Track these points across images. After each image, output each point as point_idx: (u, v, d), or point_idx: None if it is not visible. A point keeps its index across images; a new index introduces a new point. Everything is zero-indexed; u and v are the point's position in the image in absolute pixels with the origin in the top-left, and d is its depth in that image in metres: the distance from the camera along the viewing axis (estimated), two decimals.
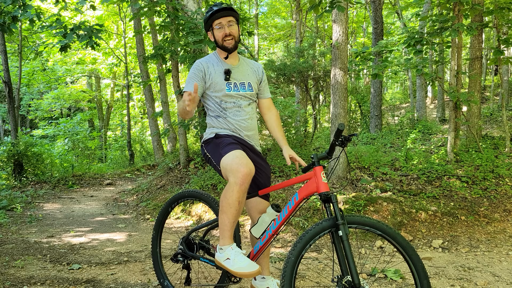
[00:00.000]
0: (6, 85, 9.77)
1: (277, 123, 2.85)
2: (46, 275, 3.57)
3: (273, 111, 2.88)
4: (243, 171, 2.34)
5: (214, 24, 2.64)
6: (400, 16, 16.32)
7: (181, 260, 2.91)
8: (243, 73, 2.74)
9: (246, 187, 2.39)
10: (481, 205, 5.36)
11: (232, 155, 2.44)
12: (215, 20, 2.62)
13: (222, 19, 2.62)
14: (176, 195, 3.07)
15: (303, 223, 4.96)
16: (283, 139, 2.78)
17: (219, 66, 2.68)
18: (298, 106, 9.83)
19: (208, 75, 2.65)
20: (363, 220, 2.27)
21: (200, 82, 2.66)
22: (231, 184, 2.37)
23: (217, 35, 2.65)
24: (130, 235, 5.17)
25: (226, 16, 2.62)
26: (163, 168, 8.49)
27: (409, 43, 6.82)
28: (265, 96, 2.88)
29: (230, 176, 2.38)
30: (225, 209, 2.40)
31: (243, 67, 2.76)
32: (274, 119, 2.86)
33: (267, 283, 2.75)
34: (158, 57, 6.85)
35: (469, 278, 3.53)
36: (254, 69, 2.82)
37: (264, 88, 2.87)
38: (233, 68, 2.70)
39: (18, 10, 6.42)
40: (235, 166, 2.37)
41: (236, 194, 2.36)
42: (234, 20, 2.65)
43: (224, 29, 2.62)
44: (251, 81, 2.75)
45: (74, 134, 16.54)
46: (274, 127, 2.84)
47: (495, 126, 11.93)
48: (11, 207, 6.57)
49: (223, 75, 2.65)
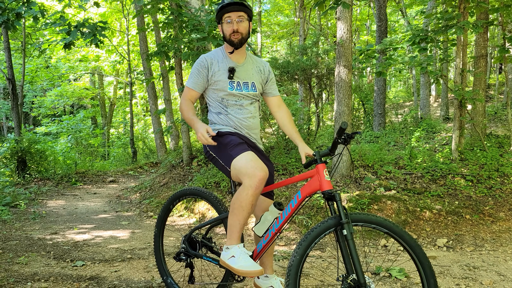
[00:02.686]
0: (9, 82, 9.78)
1: (289, 120, 2.80)
2: (50, 272, 3.57)
3: (284, 109, 2.83)
4: (259, 175, 2.33)
5: (224, 17, 2.59)
6: (404, 14, 16.25)
7: (184, 258, 2.90)
8: (247, 72, 2.70)
9: (261, 190, 2.38)
10: (486, 204, 5.33)
11: (245, 157, 2.42)
12: (225, 13, 2.57)
13: (232, 14, 2.56)
14: (178, 192, 3.05)
15: (306, 221, 4.95)
16: (297, 136, 2.72)
17: (224, 63, 2.64)
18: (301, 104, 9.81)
19: (212, 72, 2.62)
20: (369, 218, 2.25)
21: (203, 80, 2.63)
22: (246, 187, 2.35)
23: (225, 29, 2.60)
24: (133, 233, 5.17)
25: (237, 11, 2.56)
26: (166, 165, 8.49)
27: (413, 41, 6.78)
28: (274, 94, 2.84)
29: (245, 179, 2.36)
30: (237, 211, 2.39)
31: (248, 66, 2.72)
32: (285, 116, 2.81)
33: (270, 282, 2.73)
34: (162, 54, 6.83)
35: (474, 277, 3.51)
36: (260, 68, 2.78)
37: (271, 86, 2.83)
38: (238, 67, 2.66)
39: (22, 7, 6.42)
40: (251, 170, 2.35)
41: (251, 198, 2.35)
42: (245, 16, 2.59)
43: (233, 25, 2.57)
44: (255, 81, 2.71)
45: (77, 132, 16.56)
46: (286, 124, 2.79)
47: (499, 125, 11.87)
48: (15, 203, 6.58)
49: (227, 73, 2.62)
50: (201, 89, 2.66)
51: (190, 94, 2.67)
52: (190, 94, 2.67)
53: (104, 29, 6.26)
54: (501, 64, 19.22)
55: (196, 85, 2.65)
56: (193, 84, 2.65)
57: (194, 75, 2.64)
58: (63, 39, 6.19)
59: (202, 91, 2.69)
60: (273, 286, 2.72)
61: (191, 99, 2.67)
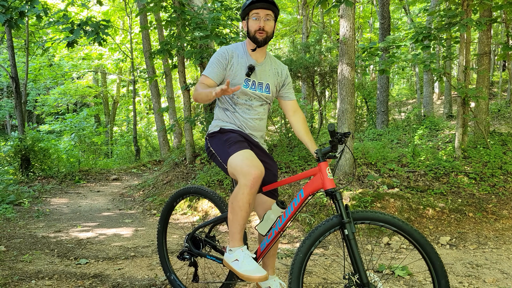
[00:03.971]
0: (13, 80, 9.81)
1: (304, 126, 2.71)
2: (53, 270, 3.59)
3: (299, 114, 2.76)
4: (254, 173, 2.30)
5: (251, 13, 2.52)
6: (407, 11, 16.19)
7: (188, 257, 2.90)
8: (265, 73, 2.64)
9: (257, 189, 2.35)
10: (489, 202, 5.32)
11: (241, 155, 2.39)
12: (253, 9, 2.50)
13: (261, 11, 2.49)
14: (181, 190, 3.04)
15: (309, 219, 4.95)
16: (312, 143, 2.63)
17: (244, 59, 2.59)
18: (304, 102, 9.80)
19: (231, 65, 2.56)
20: (376, 215, 2.18)
21: (222, 71, 2.56)
22: (241, 186, 2.32)
23: (251, 26, 2.53)
24: (137, 230, 5.19)
25: (266, 9, 2.49)
26: (169, 163, 8.51)
27: (416, 38, 6.75)
28: (290, 98, 2.77)
29: (240, 178, 2.33)
30: (236, 211, 2.37)
31: (266, 67, 2.66)
32: (301, 122, 2.72)
33: (269, 283, 2.69)
34: (165, 52, 6.84)
35: (477, 275, 3.51)
36: (278, 71, 2.71)
37: (288, 90, 2.77)
38: (257, 65, 2.61)
39: (25, 5, 6.43)
40: (246, 168, 2.32)
41: (247, 197, 2.32)
42: (272, 15, 2.53)
43: (260, 22, 2.50)
44: (270, 83, 2.66)
45: (80, 130, 16.61)
46: (301, 130, 2.70)
47: (503, 122, 11.83)
48: (19, 202, 6.62)
49: (245, 70, 2.56)
50: (218, 80, 2.57)
51: (207, 82, 2.55)
52: (206, 81, 2.55)
53: (107, 27, 6.27)
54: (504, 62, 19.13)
55: (215, 75, 2.55)
56: (211, 73, 2.55)
57: (214, 64, 2.56)
58: (66, 38, 6.20)
59: (219, 83, 2.59)
60: (270, 287, 2.68)
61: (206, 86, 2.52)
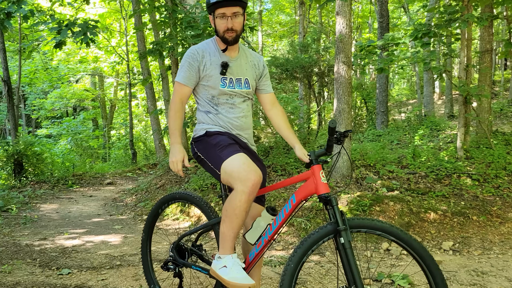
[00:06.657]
0: (5, 84, 9.64)
1: (284, 119, 2.57)
2: (33, 281, 3.39)
3: (278, 107, 2.61)
4: (253, 180, 2.14)
5: (216, 11, 2.32)
6: (407, 10, 16.02)
7: (172, 268, 2.71)
8: (241, 67, 2.47)
9: (254, 195, 2.19)
10: (494, 204, 5.10)
11: (236, 160, 2.22)
12: (219, 8, 2.30)
13: (226, 9, 2.29)
14: (166, 196, 2.87)
15: (305, 223, 4.74)
16: (293, 137, 2.49)
17: (216, 57, 2.41)
18: (300, 102, 9.60)
19: (203, 65, 2.39)
20: (373, 223, 2.03)
21: (195, 74, 2.40)
22: (238, 192, 2.15)
23: (218, 25, 2.34)
24: (126, 237, 4.98)
25: (232, 6, 2.30)
26: (163, 167, 8.32)
27: (416, 36, 6.56)
28: (268, 91, 2.61)
29: (237, 184, 2.16)
30: (231, 219, 2.20)
31: (242, 61, 2.49)
32: (280, 115, 2.58)
33: None
34: (156, 52, 6.65)
35: (483, 283, 3.29)
36: (254, 63, 2.55)
37: (265, 82, 2.60)
38: (231, 61, 2.43)
39: (12, 6, 6.25)
40: (243, 173, 2.15)
41: (244, 204, 2.16)
42: (240, 10, 2.33)
43: (227, 22, 2.31)
44: (249, 77, 2.49)
45: (77, 133, 16.45)
46: (281, 124, 2.55)
47: (505, 122, 11.61)
48: (7, 208, 6.41)
49: (219, 68, 2.38)
50: (193, 84, 2.43)
51: (182, 92, 2.43)
52: (182, 91, 2.42)
53: (96, 27, 6.07)
54: (506, 60, 18.93)
55: (188, 80, 2.41)
56: (185, 79, 2.41)
57: (185, 68, 2.40)
58: (54, 38, 6.02)
59: (194, 86, 2.45)
60: None
61: (183, 98, 2.44)
